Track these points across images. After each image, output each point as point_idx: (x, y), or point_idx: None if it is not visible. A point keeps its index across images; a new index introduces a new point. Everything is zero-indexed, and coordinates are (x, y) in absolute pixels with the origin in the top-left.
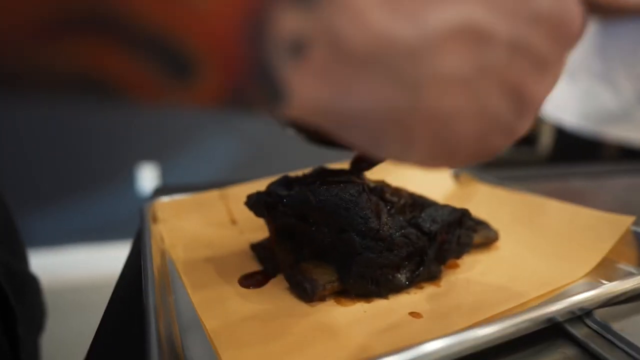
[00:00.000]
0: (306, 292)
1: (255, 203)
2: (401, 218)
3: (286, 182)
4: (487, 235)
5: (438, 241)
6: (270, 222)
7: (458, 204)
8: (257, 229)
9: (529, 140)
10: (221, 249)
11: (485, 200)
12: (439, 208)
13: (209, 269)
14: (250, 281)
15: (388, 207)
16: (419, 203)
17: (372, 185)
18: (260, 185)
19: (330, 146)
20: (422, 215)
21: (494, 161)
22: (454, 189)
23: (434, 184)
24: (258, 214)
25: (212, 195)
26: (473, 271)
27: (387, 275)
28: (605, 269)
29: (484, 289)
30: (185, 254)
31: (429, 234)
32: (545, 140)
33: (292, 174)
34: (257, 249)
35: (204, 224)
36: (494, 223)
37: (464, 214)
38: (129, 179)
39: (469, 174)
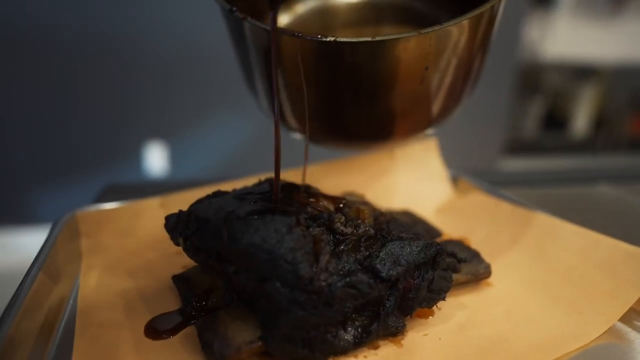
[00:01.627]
0: (214, 355)
1: (173, 228)
2: (353, 257)
3: (211, 202)
4: (475, 272)
5: (401, 289)
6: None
7: (452, 218)
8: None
9: (559, 122)
10: (145, 276)
11: (483, 216)
12: (406, 244)
13: (118, 305)
14: (160, 327)
15: (333, 244)
16: (382, 234)
17: (316, 212)
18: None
19: None
20: (381, 254)
21: (517, 147)
22: (450, 198)
23: (429, 191)
24: (175, 242)
25: (152, 203)
26: (450, 323)
27: (326, 334)
28: (628, 327)
29: (459, 354)
30: (98, 283)
31: (387, 281)
32: (580, 122)
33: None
34: (178, 281)
35: (135, 241)
36: (490, 248)
37: (439, 252)
38: (136, 158)
39: (468, 180)
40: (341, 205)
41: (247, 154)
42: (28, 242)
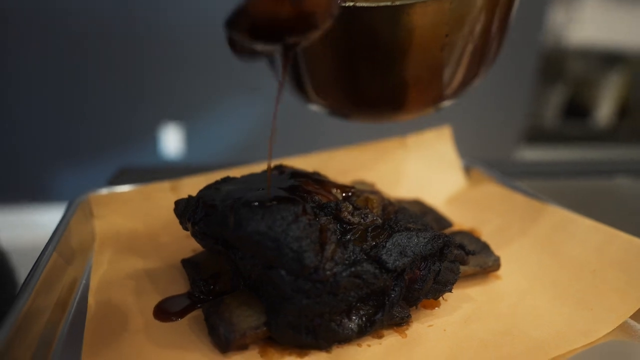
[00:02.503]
0: (220, 339)
1: (182, 213)
2: (359, 247)
3: (219, 188)
4: (483, 264)
5: (406, 280)
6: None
7: (463, 208)
8: None
9: (581, 111)
10: (156, 259)
11: (495, 208)
12: (413, 235)
13: (128, 287)
14: (168, 310)
15: (340, 234)
16: (390, 224)
17: (324, 201)
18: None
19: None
20: (388, 244)
21: (536, 136)
22: (462, 188)
23: (441, 180)
24: (183, 227)
25: (163, 187)
26: (455, 315)
27: (330, 322)
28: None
29: (462, 346)
30: (110, 264)
31: (392, 272)
32: (603, 112)
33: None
34: (187, 265)
35: (146, 224)
36: (500, 240)
37: (446, 243)
38: (152, 140)
39: (481, 170)
40: (350, 194)
41: (260, 137)
42: (47, 219)
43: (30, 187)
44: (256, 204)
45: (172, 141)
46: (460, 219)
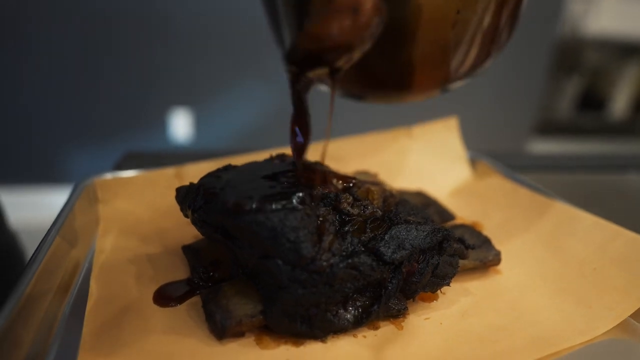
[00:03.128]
0: (216, 326)
1: (182, 200)
2: (357, 239)
3: (220, 177)
4: (483, 258)
5: (404, 273)
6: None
7: (467, 201)
8: None
9: (596, 103)
10: (158, 244)
11: (499, 201)
12: (412, 228)
13: (130, 271)
14: (168, 295)
15: (339, 225)
16: (390, 216)
17: (324, 191)
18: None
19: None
20: (386, 236)
21: (549, 128)
22: (467, 180)
23: (446, 172)
24: (184, 214)
25: (167, 173)
26: (453, 308)
27: (326, 313)
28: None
29: (458, 340)
30: (113, 248)
31: (390, 264)
32: (619, 104)
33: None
34: (188, 252)
35: (150, 209)
36: (503, 234)
37: (446, 237)
38: (161, 124)
39: (487, 162)
40: (351, 185)
41: (269, 123)
42: (56, 200)
43: (40, 168)
44: (255, 193)
45: (181, 126)
46: (463, 212)
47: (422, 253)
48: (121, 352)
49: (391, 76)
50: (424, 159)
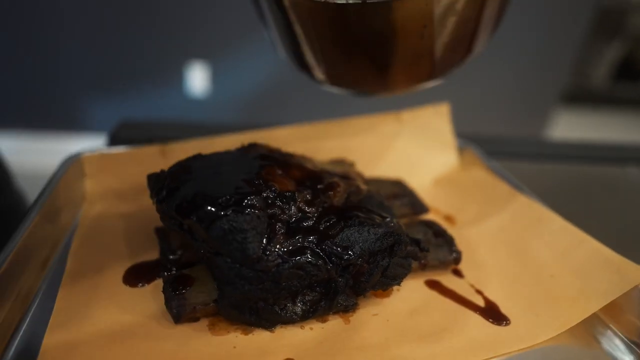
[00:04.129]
0: (172, 311)
1: (152, 187)
2: (307, 239)
3: (187, 169)
4: (442, 258)
5: (353, 272)
6: None
7: (447, 192)
8: None
9: (635, 72)
10: (137, 223)
11: (478, 195)
12: (365, 230)
13: (106, 249)
14: (137, 275)
15: (292, 223)
16: (346, 215)
17: (282, 189)
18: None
19: None
20: (338, 238)
21: (580, 97)
22: (451, 170)
23: (432, 159)
24: (153, 201)
25: (152, 150)
26: (403, 306)
27: (274, 306)
28: (585, 333)
29: (401, 338)
30: (94, 225)
31: (337, 265)
32: None
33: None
34: (159, 234)
35: (133, 187)
36: (472, 232)
37: (397, 241)
38: (178, 77)
39: (475, 152)
40: (314, 180)
41: (287, 79)
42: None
43: (63, 116)
44: (212, 193)
45: (198, 79)
46: (440, 203)
47: (372, 255)
48: (85, 330)
49: (373, 78)
50: (410, 145)
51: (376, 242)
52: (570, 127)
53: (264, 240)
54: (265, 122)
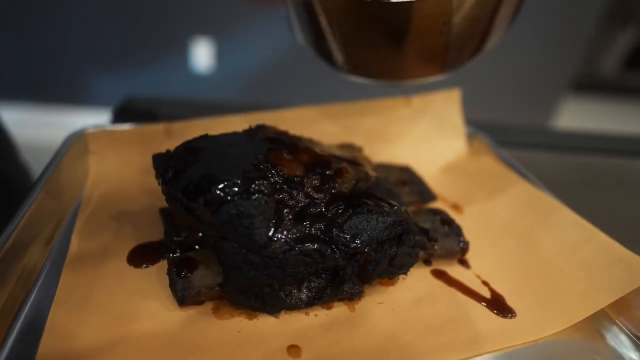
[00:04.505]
0: (176, 294)
1: (157, 168)
2: (315, 226)
3: (194, 150)
4: (449, 248)
5: (359, 260)
6: None
7: (455, 180)
8: None
9: None
10: (141, 202)
11: (487, 185)
12: (373, 218)
13: (110, 228)
14: (141, 256)
15: (298, 210)
16: (354, 203)
17: (291, 174)
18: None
19: None
20: (346, 225)
21: (589, 85)
22: (460, 157)
23: (441, 146)
24: (158, 182)
25: (157, 129)
26: (408, 295)
27: (279, 292)
28: (590, 327)
29: (405, 328)
30: (98, 203)
31: (344, 253)
32: None
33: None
34: (164, 215)
35: (137, 166)
36: (480, 221)
37: (405, 231)
38: (183, 53)
39: (485, 140)
40: (323, 165)
41: (292, 57)
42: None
43: (70, 91)
44: (218, 178)
45: (202, 55)
46: (448, 192)
47: (379, 244)
48: (90, 309)
49: (390, 69)
50: (419, 130)
51: (384, 231)
52: (578, 116)
53: (272, 226)
54: (270, 102)
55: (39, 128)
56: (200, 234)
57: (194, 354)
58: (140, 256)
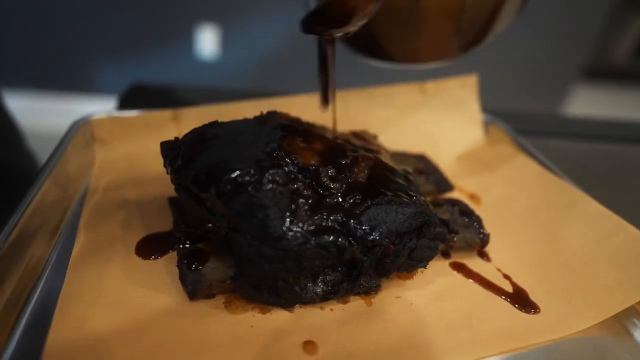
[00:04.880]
0: (187, 287)
1: (165, 156)
2: (332, 217)
3: (203, 137)
4: (470, 240)
5: (378, 253)
6: None
7: (472, 169)
8: None
9: None
10: (149, 191)
11: (505, 174)
12: (392, 210)
13: (118, 218)
14: (150, 247)
15: (315, 201)
16: (372, 193)
17: (305, 163)
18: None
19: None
20: (363, 216)
21: (600, 73)
22: (476, 145)
23: (456, 134)
24: (167, 171)
25: (164, 115)
26: (427, 289)
27: (294, 286)
28: (616, 324)
29: (424, 324)
30: (105, 192)
31: (362, 246)
32: None
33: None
34: (173, 204)
35: (144, 153)
36: (500, 212)
37: (426, 222)
38: (188, 40)
39: (502, 127)
40: (338, 153)
41: (297, 46)
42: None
43: (76, 79)
44: (231, 165)
45: (207, 42)
46: (464, 181)
47: (399, 236)
48: (99, 303)
49: (402, 52)
50: (436, 117)
51: (405, 223)
52: (589, 103)
53: (287, 218)
54: (276, 89)
55: (44, 116)
56: (211, 225)
57: (206, 350)
58: (149, 247)
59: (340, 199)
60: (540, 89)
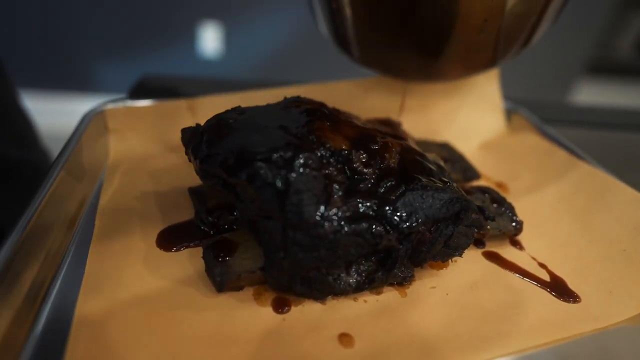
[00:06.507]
0: (214, 279)
1: (187, 144)
2: (367, 203)
3: (227, 123)
4: (503, 227)
5: (414, 241)
6: None
7: (497, 157)
8: None
9: None
10: (166, 181)
11: (531, 161)
12: (429, 195)
13: (135, 209)
14: (171, 239)
15: (348, 186)
16: (406, 178)
17: (337, 147)
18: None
19: None
20: (399, 202)
21: (604, 68)
22: (500, 134)
23: (479, 122)
24: (188, 158)
25: (179, 105)
26: (462, 278)
27: (327, 276)
28: None
29: (462, 314)
30: (120, 183)
31: (398, 232)
32: None
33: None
34: (193, 194)
35: (160, 143)
36: (530, 200)
37: (464, 208)
38: (191, 37)
39: (525, 115)
40: (368, 138)
41: (302, 43)
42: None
43: (79, 77)
44: (260, 149)
45: (210, 40)
46: (490, 170)
47: (435, 222)
48: (120, 296)
49: (422, 67)
50: (458, 106)
51: (442, 209)
52: (593, 98)
53: (321, 203)
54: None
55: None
56: (235, 213)
57: (237, 345)
58: (170, 239)
59: (374, 185)
60: (544, 83)
